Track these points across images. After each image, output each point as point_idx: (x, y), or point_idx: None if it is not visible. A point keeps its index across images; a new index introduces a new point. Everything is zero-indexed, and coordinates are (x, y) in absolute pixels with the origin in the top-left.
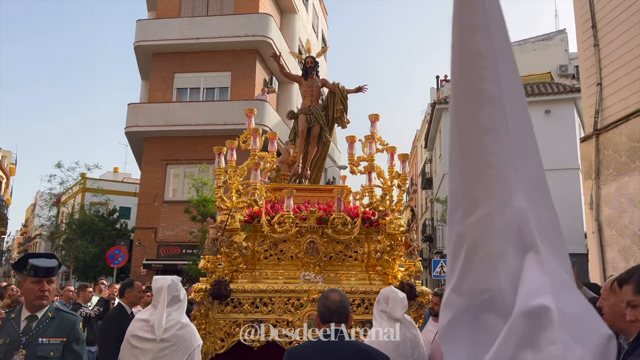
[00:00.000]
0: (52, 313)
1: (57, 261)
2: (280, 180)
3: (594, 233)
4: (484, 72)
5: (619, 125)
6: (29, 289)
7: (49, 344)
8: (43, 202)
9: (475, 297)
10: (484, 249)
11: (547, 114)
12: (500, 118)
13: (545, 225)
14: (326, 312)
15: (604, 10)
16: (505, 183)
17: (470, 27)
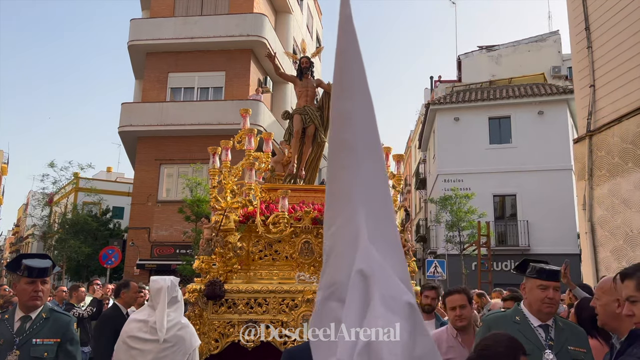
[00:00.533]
0: (46, 314)
1: (50, 262)
2: (275, 180)
3: (586, 233)
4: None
5: (612, 127)
6: (22, 290)
7: (43, 345)
8: (35, 202)
9: (327, 290)
10: (335, 253)
11: (540, 114)
12: (353, 159)
13: (379, 235)
14: None
15: (598, 12)
16: (352, 205)
17: (341, 90)
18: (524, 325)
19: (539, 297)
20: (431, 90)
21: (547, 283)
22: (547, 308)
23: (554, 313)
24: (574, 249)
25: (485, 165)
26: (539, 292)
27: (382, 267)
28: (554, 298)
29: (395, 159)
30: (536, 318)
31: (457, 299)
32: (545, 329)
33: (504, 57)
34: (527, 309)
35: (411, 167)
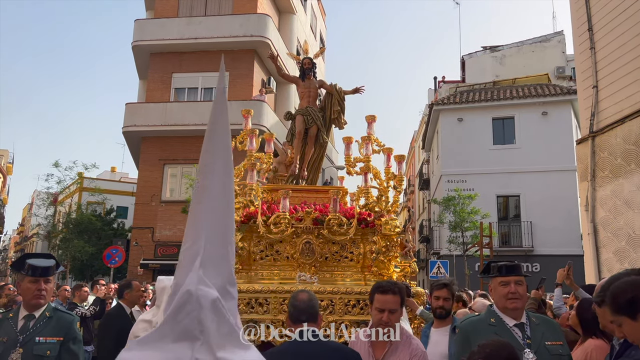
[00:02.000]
0: (49, 312)
1: (54, 261)
2: (278, 180)
3: (589, 235)
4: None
5: (614, 128)
6: (26, 289)
7: (46, 343)
8: (40, 201)
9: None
10: (182, 264)
11: (544, 115)
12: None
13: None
14: (295, 311)
15: (601, 13)
16: (198, 228)
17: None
18: (500, 327)
19: (502, 293)
20: (435, 90)
21: (507, 279)
22: (512, 303)
23: (520, 308)
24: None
25: (488, 165)
26: (501, 288)
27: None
28: (517, 292)
29: (397, 159)
30: (509, 317)
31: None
32: (521, 328)
33: (507, 57)
34: (498, 309)
35: (415, 167)
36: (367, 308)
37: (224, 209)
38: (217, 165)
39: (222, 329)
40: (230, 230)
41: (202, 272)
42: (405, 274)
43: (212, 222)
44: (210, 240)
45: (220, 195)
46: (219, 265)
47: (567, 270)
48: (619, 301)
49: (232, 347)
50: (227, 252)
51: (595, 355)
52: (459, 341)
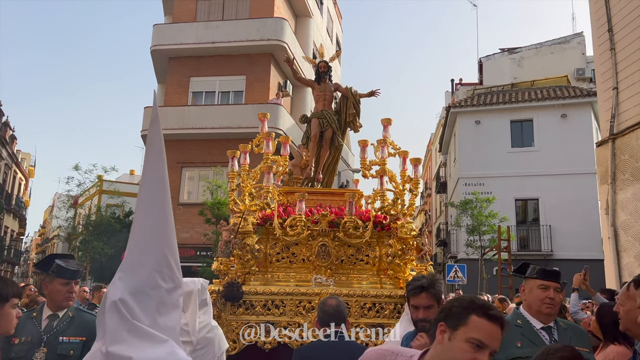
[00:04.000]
0: (72, 313)
1: (77, 262)
2: (293, 183)
3: (609, 238)
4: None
5: (635, 130)
6: (56, 290)
7: (69, 343)
8: (61, 204)
9: None
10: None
11: (563, 117)
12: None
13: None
14: (324, 316)
15: (620, 14)
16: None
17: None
18: (527, 329)
19: (540, 297)
20: (452, 93)
21: (548, 283)
22: (547, 308)
23: (553, 314)
24: (598, 254)
25: (506, 169)
26: (539, 292)
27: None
28: (555, 299)
29: (412, 162)
30: (537, 320)
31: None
32: (548, 331)
33: (526, 59)
34: (526, 311)
35: (432, 170)
36: (383, 311)
37: (155, 222)
38: (150, 183)
39: (122, 326)
40: (160, 241)
41: (118, 277)
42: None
43: (139, 233)
44: (132, 249)
45: (153, 209)
46: (137, 271)
47: (584, 275)
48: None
49: (135, 342)
50: (149, 259)
51: None
52: None
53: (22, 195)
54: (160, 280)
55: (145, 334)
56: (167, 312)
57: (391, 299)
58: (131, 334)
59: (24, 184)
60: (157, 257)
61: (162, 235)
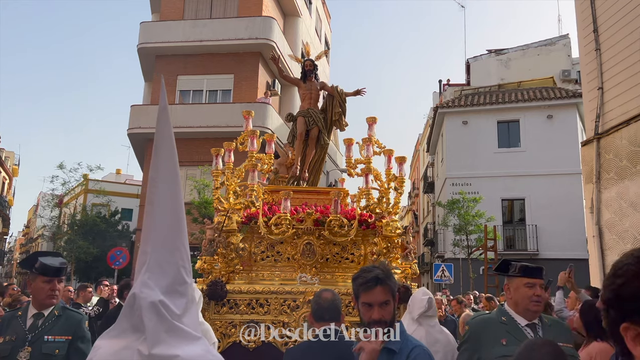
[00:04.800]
0: (58, 311)
1: (64, 260)
2: (279, 182)
3: (594, 237)
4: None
5: (620, 130)
6: (39, 288)
7: (55, 342)
8: (45, 203)
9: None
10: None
11: (549, 118)
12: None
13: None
14: (319, 310)
15: (606, 14)
16: (146, 238)
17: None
18: (512, 326)
19: (527, 295)
20: (440, 93)
21: (533, 280)
22: (535, 306)
23: (540, 311)
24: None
25: (493, 169)
26: (526, 290)
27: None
28: (542, 295)
29: (397, 161)
30: (522, 317)
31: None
32: (533, 328)
33: (513, 60)
34: (512, 309)
35: (419, 170)
36: None
37: (171, 217)
38: (163, 177)
39: (160, 327)
40: (178, 236)
41: (147, 277)
42: (406, 275)
43: (159, 230)
44: (156, 247)
45: (168, 204)
46: (165, 268)
47: (569, 273)
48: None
49: (174, 341)
50: (174, 256)
51: (599, 358)
52: (468, 337)
53: (5, 195)
54: (186, 276)
55: (182, 332)
56: (192, 308)
57: None
58: (169, 333)
59: (7, 183)
60: (180, 253)
61: (180, 230)
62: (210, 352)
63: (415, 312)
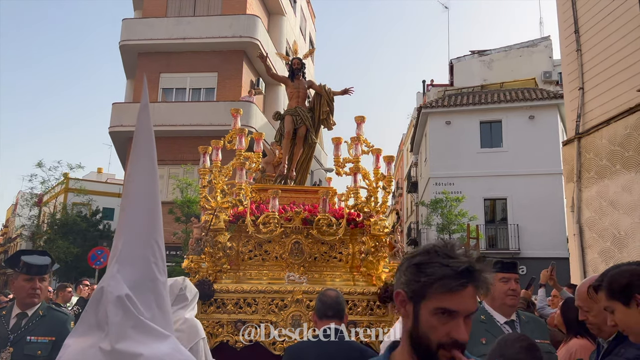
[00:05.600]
0: (43, 311)
1: (49, 258)
2: (266, 181)
3: (575, 235)
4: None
5: (600, 129)
6: (20, 287)
7: (37, 343)
8: (24, 202)
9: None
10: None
11: (531, 119)
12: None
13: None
14: (322, 307)
15: (587, 15)
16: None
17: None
18: (491, 324)
19: (502, 290)
20: (423, 94)
21: (508, 275)
22: (511, 300)
23: (517, 305)
24: (564, 252)
25: (476, 168)
26: (501, 285)
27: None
28: (516, 289)
29: (386, 160)
30: (500, 314)
31: None
32: (512, 325)
33: (495, 61)
34: (490, 306)
35: (403, 170)
36: (356, 308)
37: (146, 213)
38: (140, 173)
39: (127, 322)
40: (152, 232)
41: (116, 270)
42: (394, 274)
43: (132, 225)
44: (128, 241)
45: (144, 200)
46: (136, 263)
47: (551, 272)
48: (614, 286)
49: (141, 338)
50: (146, 251)
51: (579, 354)
52: None
53: None
54: (157, 272)
55: (150, 329)
56: (164, 305)
57: (364, 296)
58: (136, 330)
59: None
60: (153, 249)
61: (154, 226)
62: (179, 351)
63: None
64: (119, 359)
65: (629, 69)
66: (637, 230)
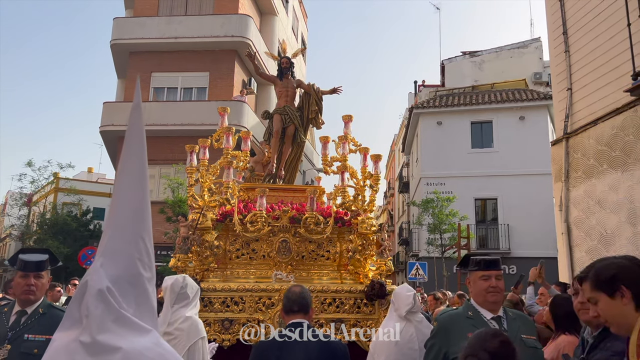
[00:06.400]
0: (43, 309)
1: (47, 255)
2: (255, 180)
3: (563, 234)
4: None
5: (587, 129)
6: (16, 284)
7: (35, 341)
8: (13, 201)
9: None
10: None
11: (521, 120)
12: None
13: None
14: (287, 302)
15: (575, 17)
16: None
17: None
18: (478, 320)
19: (483, 287)
20: (415, 94)
21: (488, 273)
22: (492, 297)
23: (499, 301)
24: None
25: (467, 169)
26: (481, 282)
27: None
28: (497, 286)
29: (373, 159)
30: (487, 310)
31: None
32: (498, 321)
33: (486, 62)
34: (476, 302)
35: (395, 170)
36: (343, 306)
37: (135, 210)
38: (131, 170)
39: (107, 315)
40: (139, 229)
41: (99, 264)
42: (381, 272)
43: (120, 220)
44: (114, 236)
45: (133, 197)
46: (119, 258)
47: (539, 270)
48: (600, 278)
49: (122, 331)
50: (131, 247)
51: (566, 349)
52: (436, 333)
53: None
54: (142, 268)
55: (131, 323)
56: (148, 300)
57: (351, 294)
58: (117, 323)
59: None
60: (138, 245)
61: (142, 222)
62: (160, 345)
63: (402, 309)
64: (99, 351)
65: (616, 70)
66: (623, 229)
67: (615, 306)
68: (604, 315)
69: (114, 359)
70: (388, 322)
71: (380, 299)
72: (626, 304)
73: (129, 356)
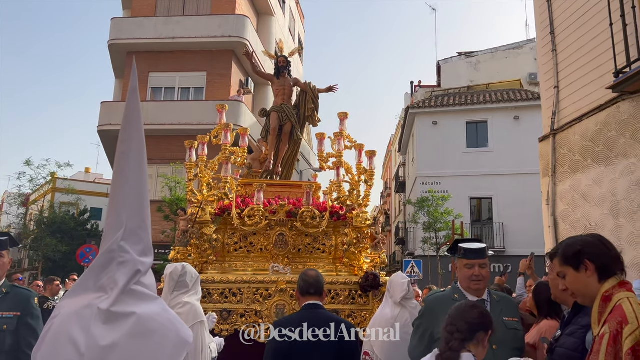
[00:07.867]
0: (6, 289)
1: (7, 237)
2: (253, 177)
3: (550, 227)
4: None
5: (573, 126)
6: None
7: (3, 318)
8: (12, 200)
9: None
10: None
11: (516, 120)
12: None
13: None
14: (304, 285)
15: (561, 17)
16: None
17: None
18: None
19: (467, 275)
20: (411, 94)
21: (472, 262)
22: (475, 285)
23: (482, 289)
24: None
25: (462, 168)
26: (465, 270)
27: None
28: (480, 274)
29: (368, 155)
30: (470, 295)
31: None
32: (482, 304)
33: (482, 63)
34: (461, 286)
35: (391, 170)
36: (339, 297)
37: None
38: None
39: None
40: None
41: (124, 243)
42: (375, 264)
43: (131, 200)
44: (131, 216)
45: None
46: (138, 234)
47: (530, 261)
48: (567, 253)
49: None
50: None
51: (548, 333)
52: (423, 313)
53: None
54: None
55: (140, 294)
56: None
57: (346, 285)
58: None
59: None
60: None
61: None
62: (167, 311)
63: (397, 296)
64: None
65: (599, 68)
66: (606, 221)
67: (580, 279)
68: (571, 287)
69: (129, 322)
70: (384, 308)
71: (374, 290)
72: (590, 276)
73: (142, 320)
